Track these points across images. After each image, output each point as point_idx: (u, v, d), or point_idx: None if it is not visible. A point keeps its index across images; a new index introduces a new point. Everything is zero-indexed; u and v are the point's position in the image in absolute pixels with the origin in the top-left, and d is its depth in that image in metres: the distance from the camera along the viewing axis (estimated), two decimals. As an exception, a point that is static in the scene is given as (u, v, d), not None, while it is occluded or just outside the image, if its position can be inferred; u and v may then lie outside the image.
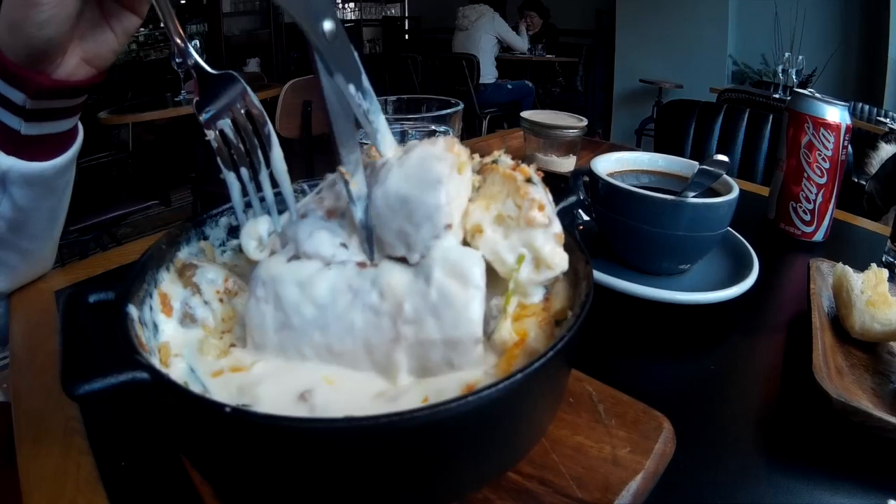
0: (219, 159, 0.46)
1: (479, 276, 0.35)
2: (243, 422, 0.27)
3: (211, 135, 0.47)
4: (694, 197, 0.64)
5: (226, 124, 0.47)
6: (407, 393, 0.34)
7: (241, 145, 0.47)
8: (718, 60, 4.68)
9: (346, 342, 0.36)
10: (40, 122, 0.59)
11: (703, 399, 0.53)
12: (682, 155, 1.93)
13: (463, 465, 0.32)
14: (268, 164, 0.47)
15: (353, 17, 8.01)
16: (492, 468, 0.34)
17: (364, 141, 0.81)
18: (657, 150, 2.02)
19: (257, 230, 0.44)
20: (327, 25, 0.36)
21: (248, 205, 0.47)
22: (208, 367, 0.37)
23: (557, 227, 0.37)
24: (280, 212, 0.46)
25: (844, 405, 0.45)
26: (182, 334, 0.41)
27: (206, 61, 0.47)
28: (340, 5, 8.03)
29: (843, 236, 0.90)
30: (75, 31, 0.55)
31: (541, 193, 0.37)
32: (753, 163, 1.72)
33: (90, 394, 0.29)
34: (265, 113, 0.48)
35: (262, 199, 0.47)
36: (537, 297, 0.38)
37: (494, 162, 0.39)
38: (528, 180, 0.37)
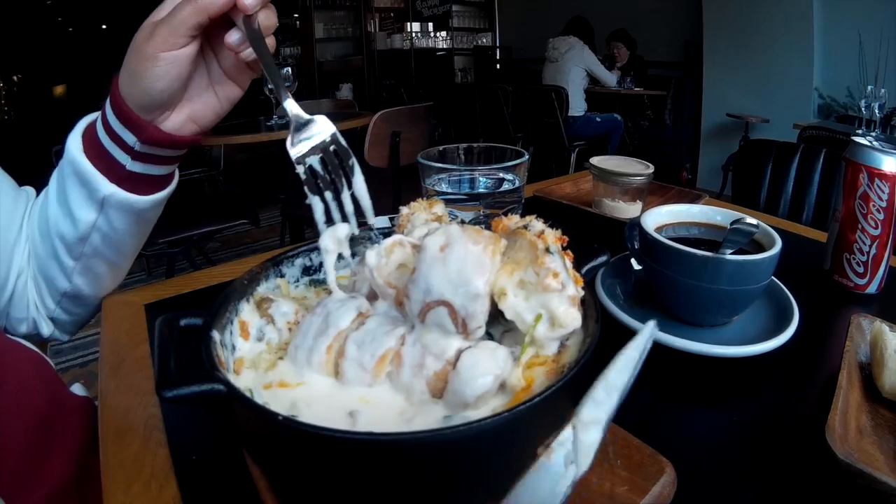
0: (306, 187, 0.53)
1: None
2: (290, 427, 0.35)
3: (301, 169, 0.54)
4: (734, 252, 0.66)
5: (315, 160, 0.54)
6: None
7: (327, 175, 0.54)
8: (804, 94, 4.55)
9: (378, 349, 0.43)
10: (144, 163, 0.68)
11: (718, 450, 0.55)
12: (758, 197, 1.88)
13: (456, 485, 0.37)
14: (350, 187, 0.53)
15: (444, 46, 8.20)
16: (485, 492, 0.38)
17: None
18: (735, 191, 2.00)
19: (336, 234, 0.51)
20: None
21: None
22: (260, 379, 0.44)
23: (572, 290, 0.42)
24: (359, 224, 0.53)
25: (850, 466, 0.47)
26: (252, 349, 0.48)
27: (298, 86, 0.55)
28: (432, 34, 8.20)
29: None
30: (185, 92, 0.64)
31: (557, 262, 0.41)
32: (826, 207, 1.68)
33: (178, 397, 0.37)
34: (350, 150, 0.55)
35: (344, 219, 0.53)
36: (552, 349, 0.43)
37: (525, 227, 0.44)
38: (547, 249, 0.42)
